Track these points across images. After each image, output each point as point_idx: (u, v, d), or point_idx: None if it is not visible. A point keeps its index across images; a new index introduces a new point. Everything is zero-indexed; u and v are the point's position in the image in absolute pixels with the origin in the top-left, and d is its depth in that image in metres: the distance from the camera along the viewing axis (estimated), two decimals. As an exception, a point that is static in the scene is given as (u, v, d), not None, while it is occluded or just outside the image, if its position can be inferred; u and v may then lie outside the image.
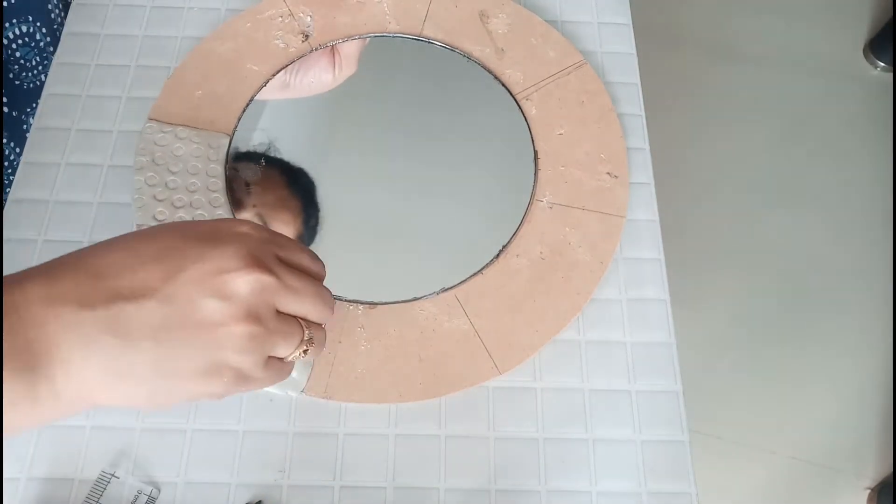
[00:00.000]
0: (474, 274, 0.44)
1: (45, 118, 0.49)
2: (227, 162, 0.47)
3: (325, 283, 0.34)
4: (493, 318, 0.43)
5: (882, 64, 1.47)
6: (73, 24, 0.53)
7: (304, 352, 0.32)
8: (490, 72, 0.51)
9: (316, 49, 0.51)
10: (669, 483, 0.40)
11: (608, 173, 0.47)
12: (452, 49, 0.51)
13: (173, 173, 0.46)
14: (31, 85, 0.54)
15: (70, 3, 0.54)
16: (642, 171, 0.49)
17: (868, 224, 1.32)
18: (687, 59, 1.48)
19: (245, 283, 0.28)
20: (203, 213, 0.45)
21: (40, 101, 0.50)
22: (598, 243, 0.45)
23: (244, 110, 0.49)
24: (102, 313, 0.26)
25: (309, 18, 0.52)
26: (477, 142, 0.50)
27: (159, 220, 0.45)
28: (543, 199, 0.46)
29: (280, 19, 0.52)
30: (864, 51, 1.50)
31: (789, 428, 1.15)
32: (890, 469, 1.11)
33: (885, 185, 1.35)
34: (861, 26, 1.53)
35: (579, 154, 0.48)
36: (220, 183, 0.46)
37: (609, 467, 0.40)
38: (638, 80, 0.53)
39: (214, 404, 0.41)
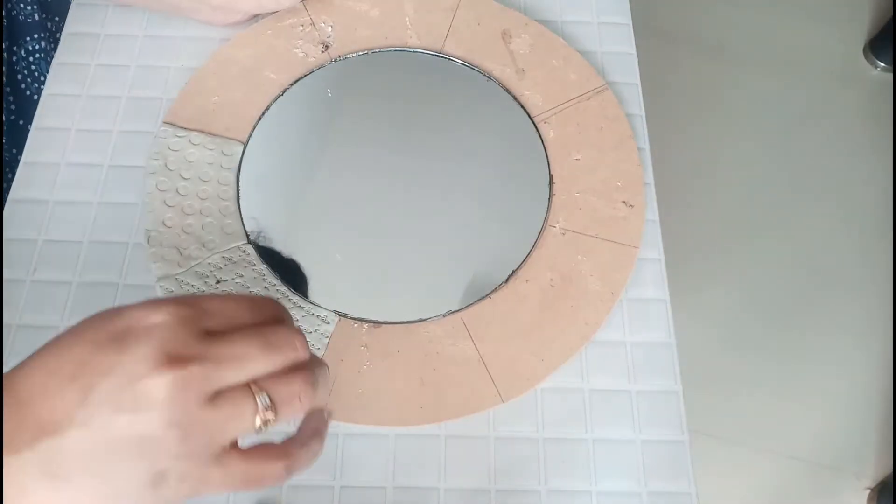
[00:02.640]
0: (482, 298, 0.43)
1: (45, 118, 0.49)
2: (239, 170, 0.47)
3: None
4: (498, 345, 0.42)
5: (882, 64, 1.47)
6: (73, 24, 0.53)
7: (266, 422, 0.28)
8: (509, 92, 0.50)
9: (336, 60, 0.51)
10: (669, 483, 0.40)
11: (623, 202, 0.46)
12: (472, 67, 0.51)
13: (185, 179, 0.46)
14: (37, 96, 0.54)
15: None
16: (643, 172, 0.49)
17: (868, 225, 1.32)
18: (687, 59, 1.48)
19: (159, 386, 0.25)
20: (212, 221, 0.45)
21: (40, 101, 0.50)
22: (610, 273, 0.44)
23: (260, 118, 0.49)
24: (29, 455, 0.25)
25: (330, 29, 0.51)
26: (492, 163, 0.49)
27: (168, 227, 0.44)
28: (556, 225, 0.46)
29: (301, 28, 0.52)
30: (864, 51, 1.50)
31: (789, 428, 1.15)
32: (890, 469, 1.11)
33: (885, 186, 1.35)
34: (861, 26, 1.53)
35: (595, 181, 0.47)
36: (231, 191, 0.46)
37: (609, 467, 0.40)
38: (638, 81, 0.53)
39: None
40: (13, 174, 0.47)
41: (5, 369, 0.29)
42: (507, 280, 0.44)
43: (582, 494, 0.39)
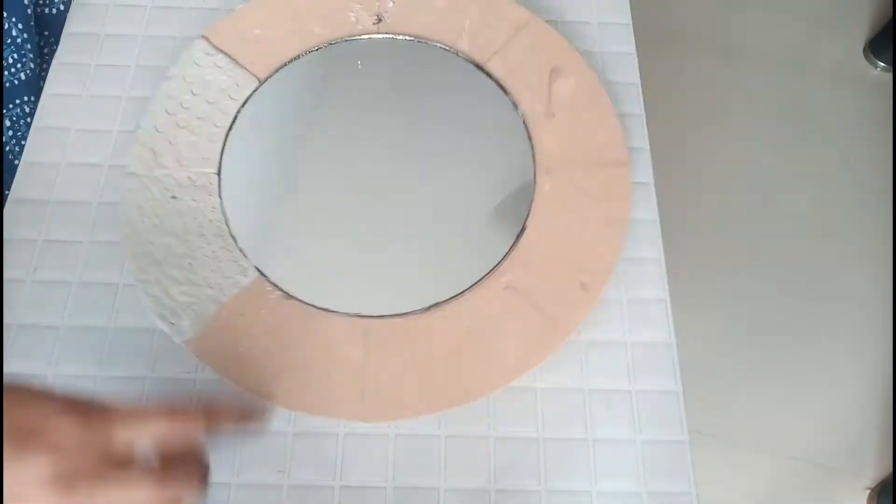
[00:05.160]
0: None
1: (45, 118, 0.49)
2: (244, 104, 0.48)
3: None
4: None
5: (882, 64, 1.47)
6: (73, 24, 0.53)
7: None
8: (527, 130, 0.48)
9: (381, 35, 0.50)
10: (669, 483, 0.40)
11: (581, 283, 0.43)
12: (506, 93, 0.49)
13: (194, 94, 0.47)
14: (9, 84, 0.53)
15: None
16: (642, 171, 0.49)
17: (868, 224, 1.32)
18: (687, 59, 1.48)
19: None
20: (196, 141, 0.46)
21: (40, 101, 0.50)
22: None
23: (285, 64, 0.49)
24: None
25: (391, 4, 0.51)
26: (477, 195, 0.47)
27: (158, 131, 0.46)
28: (503, 278, 0.43)
29: None
30: (864, 51, 1.50)
31: (789, 428, 1.15)
32: (890, 469, 1.11)
33: (885, 185, 1.35)
34: (861, 26, 1.53)
35: (567, 250, 0.44)
36: (227, 120, 0.47)
37: (609, 467, 0.40)
38: (638, 80, 0.53)
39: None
40: None
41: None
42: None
43: (582, 494, 0.39)
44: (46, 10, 0.55)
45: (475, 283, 0.43)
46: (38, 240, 0.45)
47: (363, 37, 0.50)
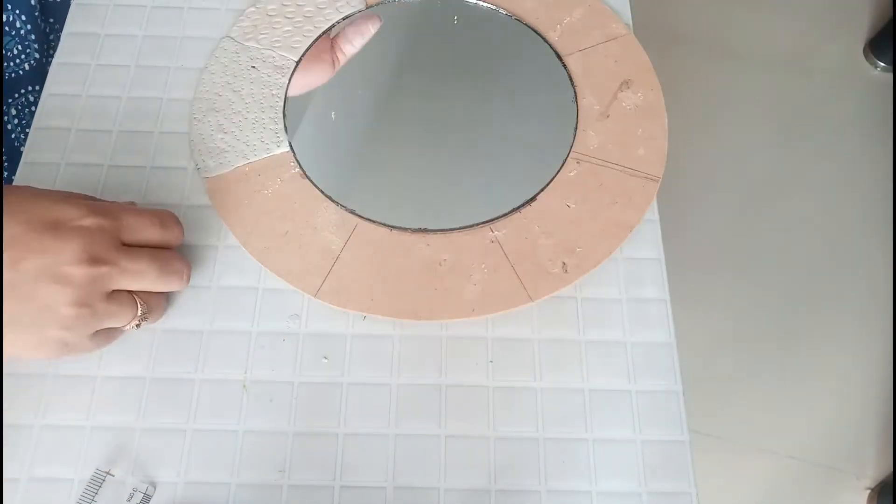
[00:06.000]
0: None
1: (45, 118, 0.49)
2: (344, 18, 0.53)
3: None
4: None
5: (882, 64, 1.47)
6: (73, 24, 0.53)
7: (138, 325, 0.38)
8: (576, 123, 0.50)
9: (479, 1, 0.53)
10: (669, 483, 0.40)
11: (563, 264, 0.44)
12: (573, 85, 0.51)
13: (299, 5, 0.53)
14: (14, 74, 0.53)
15: None
16: (642, 171, 0.49)
17: (868, 224, 1.32)
18: (687, 59, 1.48)
19: (78, 274, 0.33)
20: (292, 31, 0.52)
21: (40, 101, 0.50)
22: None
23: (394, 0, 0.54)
24: None
25: None
26: (511, 155, 0.51)
27: (269, 16, 0.52)
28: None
29: None
30: (864, 51, 1.50)
31: (789, 428, 1.15)
32: (890, 469, 1.11)
33: (884, 186, 1.36)
34: (861, 26, 1.53)
35: (574, 233, 0.46)
36: (324, 26, 0.52)
37: (609, 467, 0.40)
38: (638, 80, 0.53)
39: (214, 403, 0.41)
40: None
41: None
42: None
43: (582, 494, 0.39)
44: None
45: (467, 226, 0.46)
46: (38, 240, 0.45)
47: (471, 0, 0.55)
